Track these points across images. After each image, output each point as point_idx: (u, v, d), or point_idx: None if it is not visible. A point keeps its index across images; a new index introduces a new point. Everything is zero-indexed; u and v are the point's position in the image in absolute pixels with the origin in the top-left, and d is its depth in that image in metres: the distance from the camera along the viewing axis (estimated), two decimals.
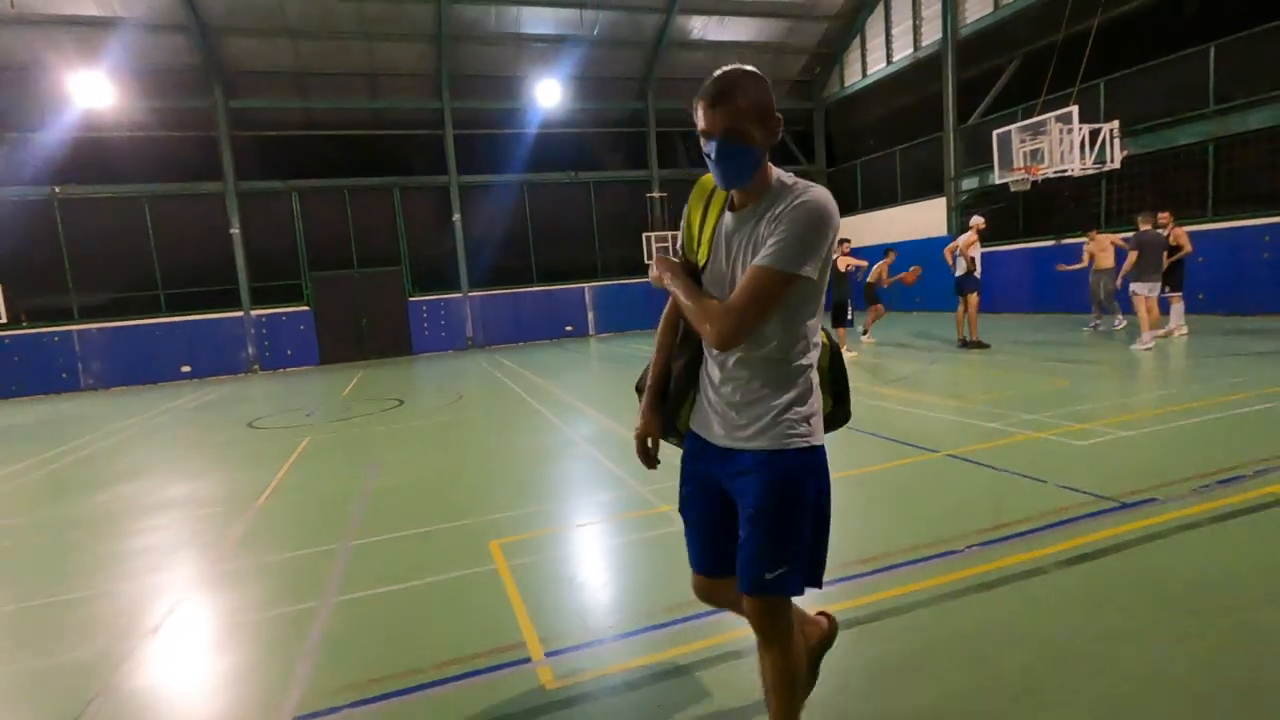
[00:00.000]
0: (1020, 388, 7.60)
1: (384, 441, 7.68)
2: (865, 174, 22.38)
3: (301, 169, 19.12)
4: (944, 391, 7.90)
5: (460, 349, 20.32)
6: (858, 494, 4.55)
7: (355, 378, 15.07)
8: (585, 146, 21.82)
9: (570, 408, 8.81)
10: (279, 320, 18.78)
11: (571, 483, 5.43)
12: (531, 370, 13.50)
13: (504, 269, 20.92)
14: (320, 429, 8.83)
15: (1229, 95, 12.30)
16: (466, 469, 6.18)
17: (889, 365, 10.28)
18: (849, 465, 5.18)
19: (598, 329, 21.76)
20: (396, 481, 5.88)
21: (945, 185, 18.71)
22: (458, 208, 20.17)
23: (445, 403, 10.17)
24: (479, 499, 5.15)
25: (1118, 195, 14.62)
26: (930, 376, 9.10)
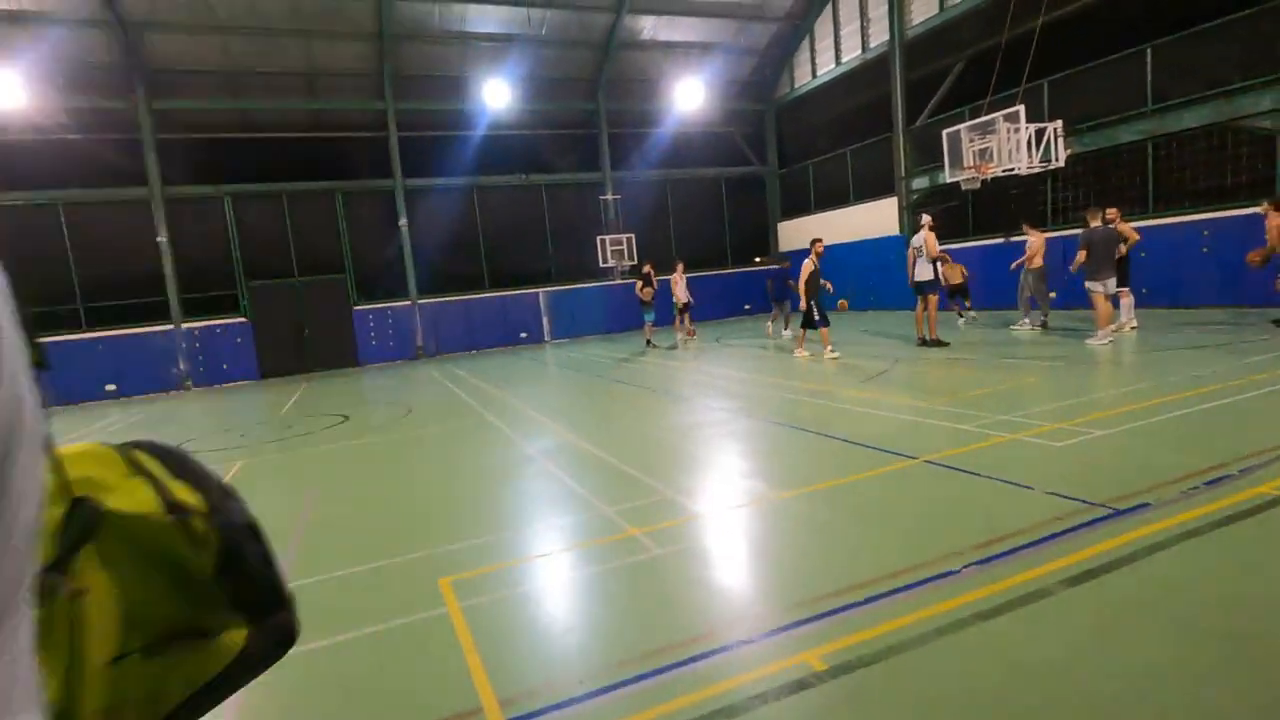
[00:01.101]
0: (987, 386, 7.50)
1: (325, 464, 7.17)
2: (817, 175, 22.48)
3: (235, 173, 18.13)
4: (911, 392, 7.75)
5: (410, 359, 19.59)
6: (836, 509, 4.26)
7: (297, 392, 14.28)
8: (536, 148, 21.35)
9: (527, 420, 8.40)
10: (213, 333, 17.74)
11: (530, 505, 5.02)
12: (485, 379, 13.01)
13: (454, 275, 20.29)
14: (255, 451, 8.22)
15: (1166, 94, 12.63)
16: (414, 493, 5.71)
17: (850, 365, 10.14)
18: (822, 476, 4.90)
19: (554, 334, 21.29)
20: (336, 510, 5.38)
21: (896, 185, 18.87)
22: (404, 212, 19.46)
23: (393, 418, 9.63)
24: (428, 528, 4.70)
25: (1063, 193, 14.91)
26: (895, 377, 8.97)
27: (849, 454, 5.42)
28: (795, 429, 6.43)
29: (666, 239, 22.97)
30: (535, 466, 6.04)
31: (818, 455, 5.55)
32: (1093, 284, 9.68)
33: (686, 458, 5.95)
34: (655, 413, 8.19)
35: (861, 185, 20.51)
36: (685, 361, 12.79)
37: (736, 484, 5.01)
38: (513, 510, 4.94)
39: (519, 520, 4.68)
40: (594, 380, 11.73)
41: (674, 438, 6.64)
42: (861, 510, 4.19)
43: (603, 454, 6.15)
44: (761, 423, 6.88)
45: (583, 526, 4.39)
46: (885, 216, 19.38)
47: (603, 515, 4.52)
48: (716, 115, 22.96)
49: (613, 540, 4.07)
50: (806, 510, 4.28)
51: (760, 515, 4.29)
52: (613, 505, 4.67)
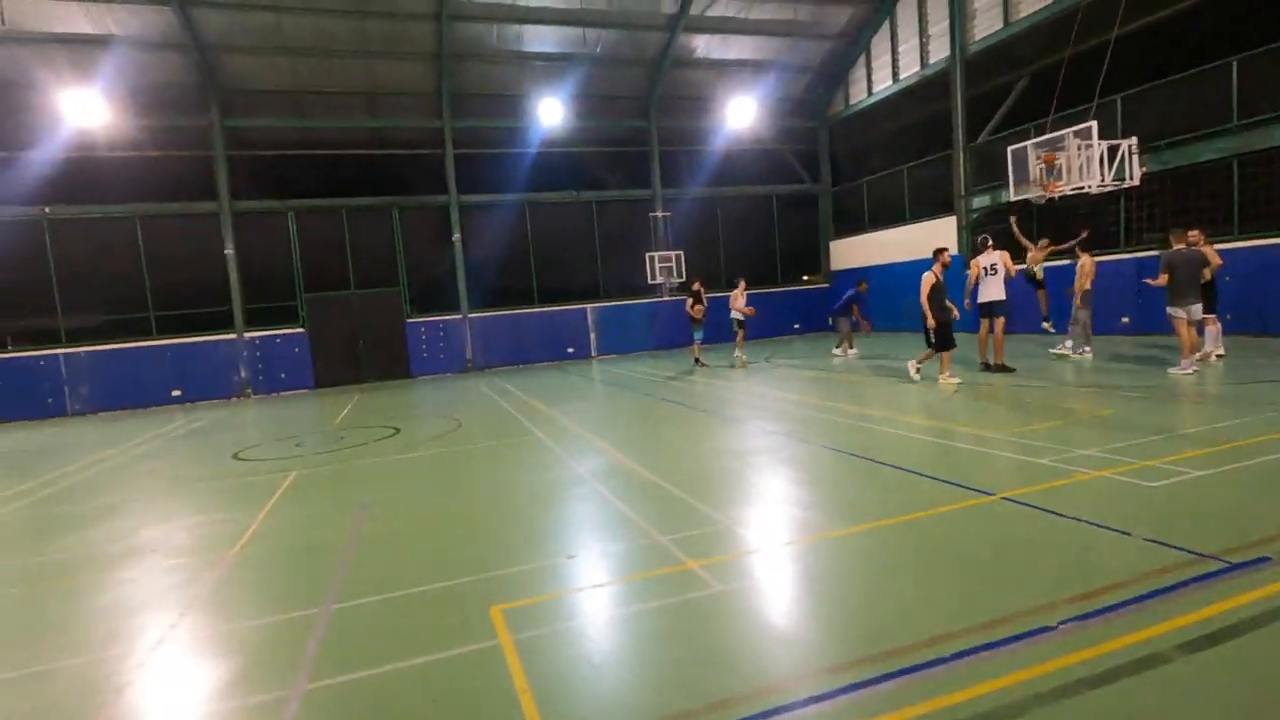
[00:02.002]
0: (1062, 417, 7.06)
1: (376, 476, 7.17)
2: (872, 193, 22.01)
3: (298, 188, 18.73)
4: (980, 421, 7.36)
5: (460, 371, 19.81)
6: (908, 549, 3.97)
7: (350, 403, 14.53)
8: (587, 165, 21.48)
9: (575, 438, 8.31)
10: (273, 342, 18.27)
11: (582, 530, 4.87)
12: (533, 395, 13.01)
13: (504, 290, 20.48)
14: (309, 461, 8.31)
15: (1254, 110, 11.90)
16: (465, 511, 5.63)
17: (911, 391, 9.75)
18: (889, 510, 4.62)
19: (600, 350, 21.26)
20: (387, 527, 5.33)
21: (955, 203, 18.31)
22: (457, 227, 19.77)
23: (443, 431, 9.66)
24: (478, 549, 4.59)
25: (1136, 213, 14.20)
26: (961, 404, 8.56)
27: (916, 487, 5.11)
28: (856, 457, 6.14)
29: (715, 256, 22.79)
30: (586, 488, 5.90)
31: (882, 486, 5.26)
32: (1174, 310, 9.11)
33: (742, 484, 5.73)
34: (706, 434, 7.99)
35: (918, 203, 19.98)
36: (735, 382, 12.54)
37: (796, 515, 4.77)
38: (565, 534, 4.80)
39: (571, 545, 4.53)
40: (642, 399, 11.59)
41: (727, 462, 6.43)
42: (936, 551, 3.90)
43: (655, 477, 5.97)
44: (819, 449, 6.61)
45: (637, 556, 4.21)
46: (943, 235, 18.79)
47: (657, 544, 4.34)
48: (768, 132, 22.76)
49: (669, 572, 3.88)
50: (874, 548, 4.01)
51: (824, 552, 4.05)
52: (668, 534, 4.49)
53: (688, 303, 15.28)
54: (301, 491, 6.75)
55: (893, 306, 20.82)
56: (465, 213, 20.00)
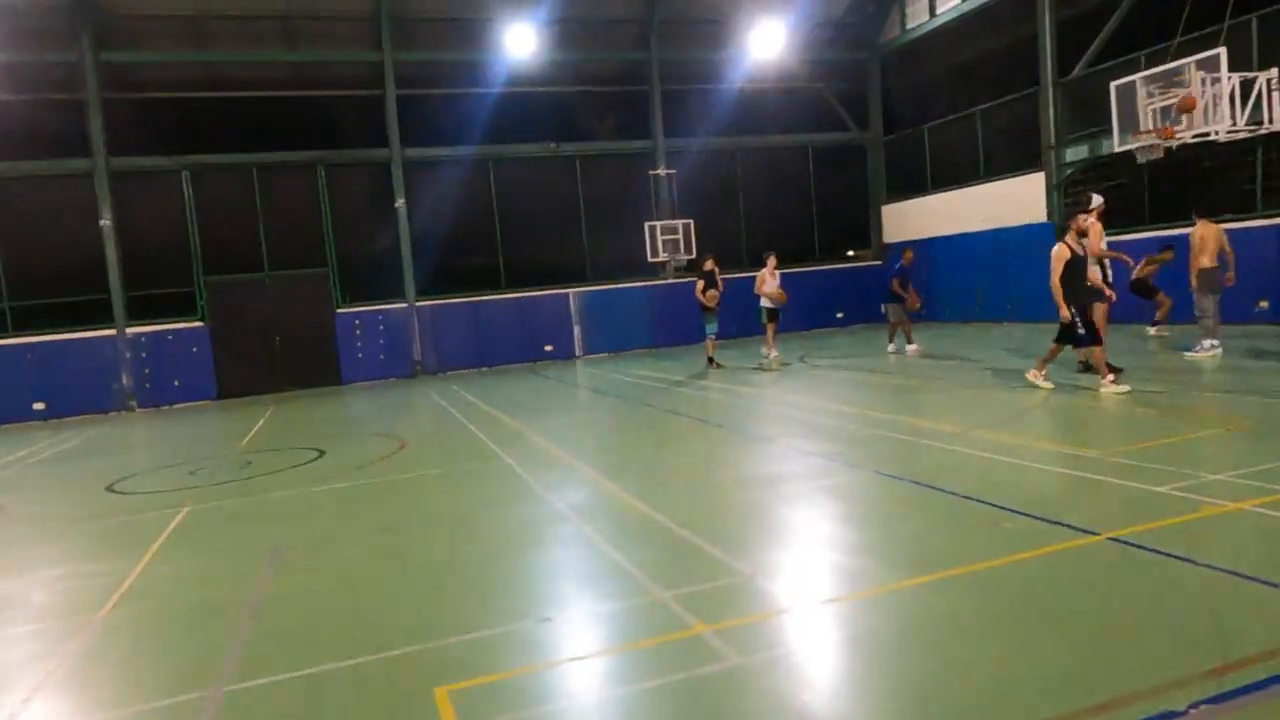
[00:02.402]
0: (1182, 432, 7.00)
1: (292, 514, 7.13)
2: (935, 144, 21.99)
3: (195, 141, 18.67)
4: (1075, 437, 7.28)
5: (405, 376, 19.75)
6: (985, 607, 3.89)
7: (262, 417, 14.49)
8: (569, 110, 21.45)
9: (553, 462, 8.26)
10: (163, 341, 18.22)
11: (560, 584, 4.82)
12: (500, 405, 12.96)
13: (463, 271, 20.42)
14: (205, 494, 8.28)
15: None
16: (405, 559, 5.56)
17: (984, 395, 9.66)
18: (960, 556, 4.54)
19: (586, 348, 21.22)
20: (303, 580, 5.27)
21: (1043, 155, 18.26)
22: (402, 190, 19.71)
23: (382, 454, 9.61)
24: (422, 610, 4.52)
25: (1278, 167, 14.13)
26: (1049, 414, 8.48)
27: (998, 524, 5.03)
28: (915, 484, 6.06)
29: (734, 226, 22.74)
30: (566, 528, 5.84)
31: (950, 524, 5.18)
32: None
33: (769, 522, 5.65)
34: (724, 457, 7.92)
35: (996, 157, 19.95)
36: (762, 388, 12.47)
37: (840, 563, 4.69)
38: (537, 590, 4.74)
39: (546, 604, 4.45)
40: (641, 410, 11.53)
41: (750, 493, 6.37)
42: (1025, 609, 3.81)
43: (655, 514, 5.90)
44: (869, 474, 6.53)
45: (631, 617, 4.13)
46: (1028, 197, 18.75)
47: (657, 601, 4.26)
48: (802, 67, 22.70)
49: (672, 640, 3.80)
50: (944, 606, 3.92)
51: (877, 612, 3.96)
52: (671, 587, 4.41)
53: (698, 286, 15.20)
54: (194, 534, 6.69)
55: (964, 291, 20.78)
56: (412, 171, 19.92)
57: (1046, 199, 18.30)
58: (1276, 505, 4.83)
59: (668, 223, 20.61)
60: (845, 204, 23.95)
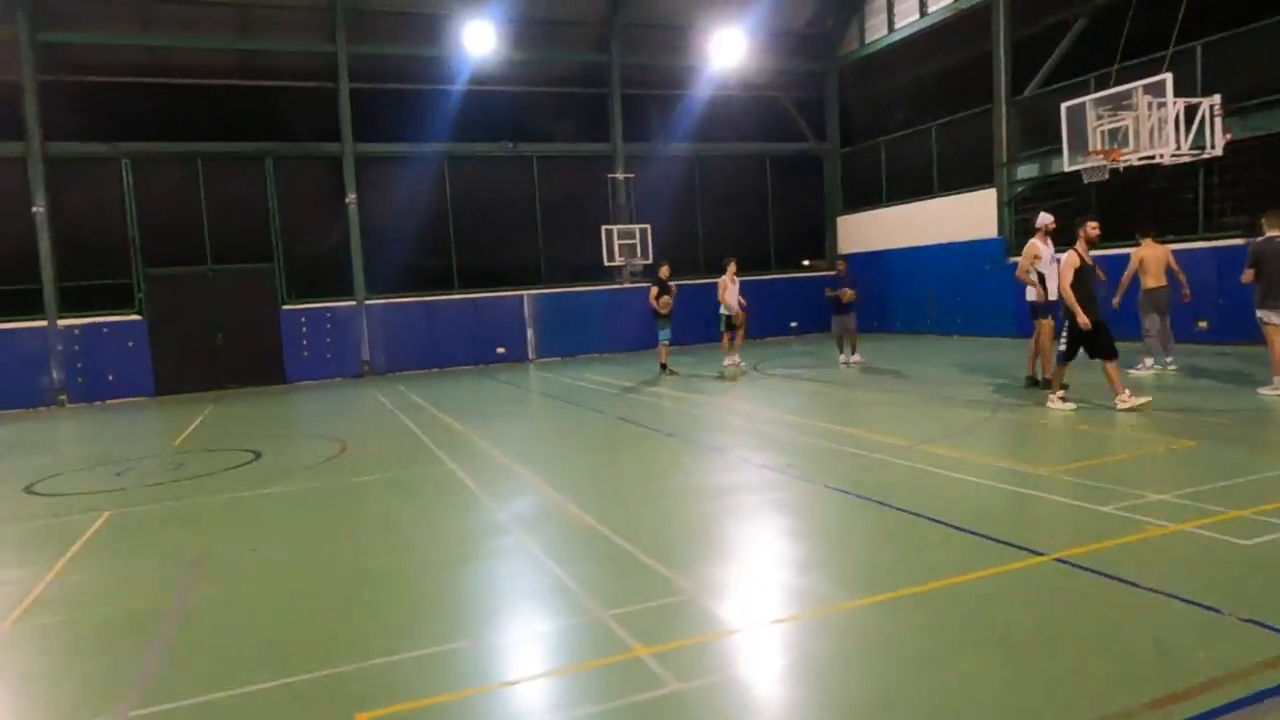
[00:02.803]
0: (1128, 449, 7.08)
1: (222, 520, 6.87)
2: (891, 157, 22.22)
3: (137, 128, 18.05)
4: (1023, 453, 7.31)
5: (353, 376, 19.34)
6: (935, 630, 3.81)
7: (200, 416, 14.05)
8: (528, 110, 21.26)
9: (499, 470, 8.10)
10: (98, 334, 17.57)
11: (496, 601, 4.64)
12: (448, 409, 12.73)
13: (415, 270, 20.09)
14: (131, 496, 7.94)
15: None
16: (336, 570, 5.34)
17: (934, 409, 9.71)
18: (910, 575, 4.47)
19: (540, 351, 21.02)
20: (226, 591, 5.02)
21: (995, 172, 18.55)
22: (353, 186, 19.32)
23: (321, 457, 9.36)
24: (350, 628, 4.31)
25: (1218, 190, 14.51)
26: (997, 430, 8.54)
27: (945, 542, 4.99)
28: (866, 500, 6.01)
29: (692, 232, 22.72)
30: (507, 540, 5.68)
31: (901, 542, 5.13)
32: (1266, 313, 9.24)
33: (718, 537, 5.55)
34: (674, 468, 7.83)
35: (949, 172, 20.23)
36: (714, 396, 12.41)
37: (790, 582, 4.59)
38: (472, 607, 4.56)
39: (479, 623, 4.27)
40: (592, 417, 11.40)
41: (699, 505, 6.27)
42: (974, 633, 3.74)
43: (601, 526, 5.76)
44: (821, 489, 6.47)
45: (569, 639, 3.98)
46: (980, 213, 19.03)
47: (598, 621, 4.11)
48: (762, 76, 22.80)
49: (610, 663, 3.65)
50: (892, 629, 3.84)
51: (827, 633, 3.87)
52: (612, 606, 4.27)
53: (652, 293, 15.12)
54: (114, 539, 6.40)
55: (916, 304, 21.02)
56: (364, 167, 19.56)
57: (998, 215, 18.59)
58: (1217, 527, 4.86)
59: (625, 227, 20.50)
60: (802, 214, 24.08)
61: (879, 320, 22.22)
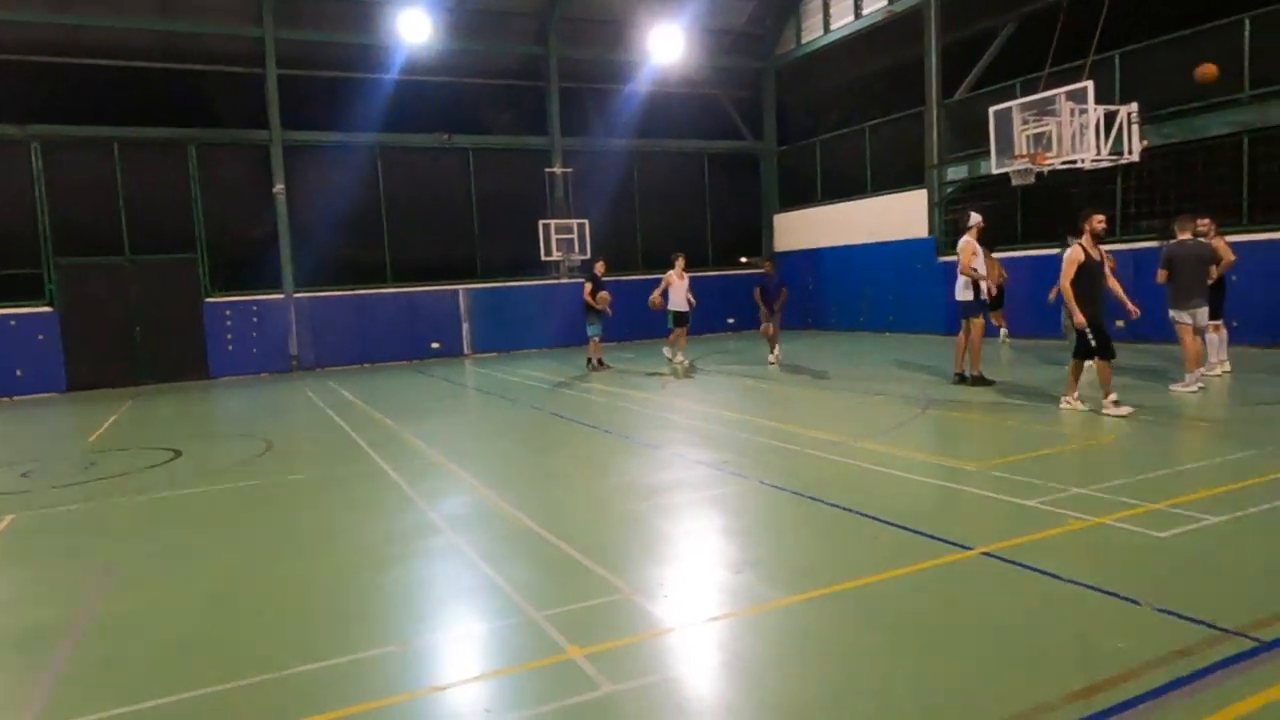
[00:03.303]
0: (1051, 445, 7.28)
1: (136, 523, 6.56)
2: (826, 156, 22.55)
3: (49, 110, 17.29)
4: (951, 449, 7.47)
5: (280, 371, 18.81)
6: (867, 625, 3.85)
7: (116, 413, 13.46)
8: (464, 102, 20.95)
9: (431, 468, 7.95)
10: (5, 326, 16.80)
11: (427, 603, 4.54)
12: (379, 406, 12.46)
13: (346, 263, 19.67)
14: (38, 498, 7.55)
15: (1269, 78, 12.86)
16: (258, 575, 5.15)
17: (865, 405, 9.87)
18: (843, 571, 4.52)
19: (476, 346, 20.77)
20: (140, 599, 4.78)
21: (927, 174, 18.97)
22: (281, 175, 18.80)
23: (245, 456, 9.03)
24: (271, 635, 4.15)
25: (1135, 195, 15.09)
26: (928, 426, 8.72)
27: (876, 537, 5.07)
28: (800, 496, 6.05)
29: (630, 228, 22.71)
30: (437, 540, 5.55)
31: (834, 537, 5.19)
32: (1178, 313, 9.64)
33: (652, 535, 5.53)
34: (609, 465, 7.80)
35: (883, 172, 20.61)
36: (651, 393, 12.40)
37: (724, 579, 4.58)
38: (402, 610, 4.43)
39: (408, 626, 4.16)
40: (528, 413, 11.28)
41: (634, 503, 6.24)
42: (904, 628, 3.79)
43: (534, 525, 5.68)
44: (755, 485, 6.49)
45: (501, 641, 3.90)
46: (911, 213, 19.45)
47: (530, 622, 4.03)
48: (700, 73, 22.90)
49: (542, 665, 3.58)
50: (825, 625, 3.87)
51: (760, 631, 3.87)
52: (545, 607, 4.20)
53: (586, 289, 15.07)
54: (17, 546, 6.08)
55: (849, 302, 21.37)
56: (293, 156, 19.03)
57: (928, 215, 19.03)
58: (1134, 520, 5.02)
59: (562, 221, 20.37)
60: (739, 211, 24.28)
61: (814, 317, 22.57)
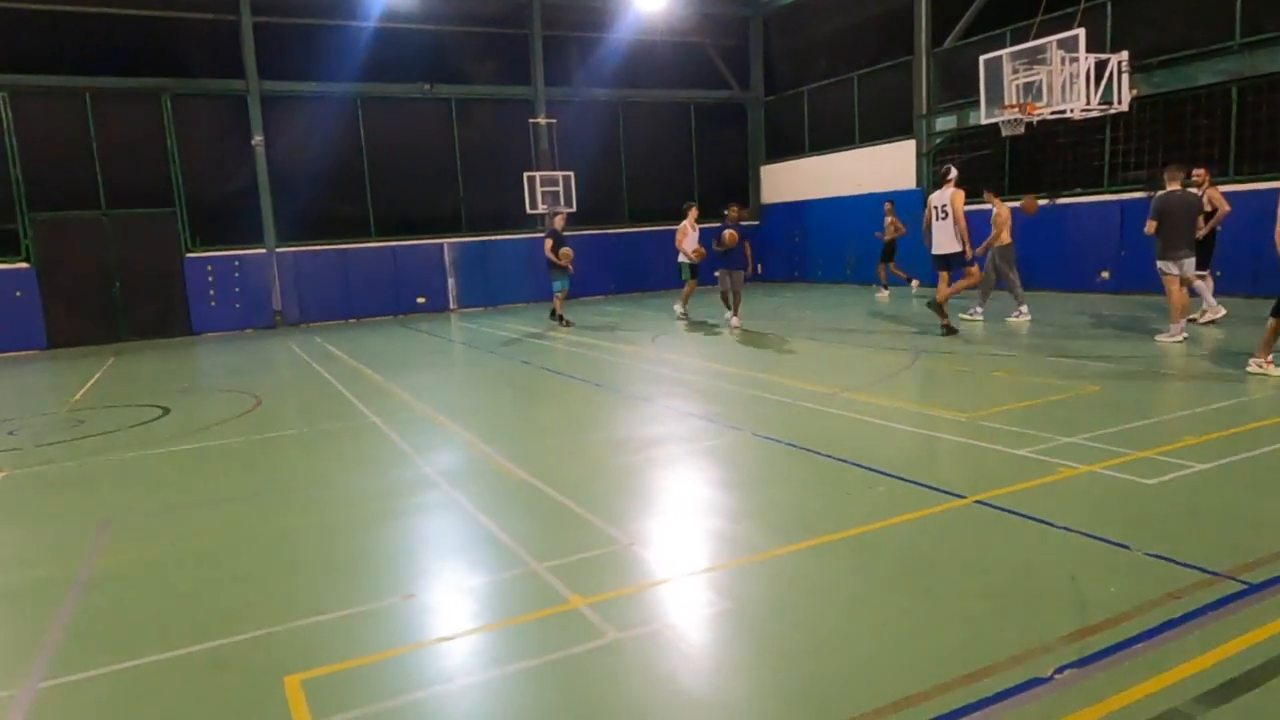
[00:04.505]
0: (1040, 395, 7.35)
1: (128, 481, 6.52)
2: (814, 106, 22.31)
3: (19, 59, 16.76)
4: (942, 399, 7.54)
5: (264, 327, 18.65)
6: (864, 573, 3.91)
7: (99, 370, 13.32)
8: (445, 50, 20.50)
9: (423, 422, 7.93)
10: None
11: (427, 556, 4.57)
12: (366, 361, 12.39)
13: (328, 217, 19.39)
14: (26, 457, 7.48)
15: (1260, 26, 12.77)
16: (256, 531, 5.15)
17: (857, 358, 9.92)
18: (839, 521, 4.57)
19: (462, 301, 20.65)
20: (139, 555, 4.78)
21: (915, 124, 18.82)
22: (260, 127, 18.41)
23: (234, 412, 8.97)
24: (271, 590, 4.17)
25: (1123, 145, 15.06)
26: (918, 377, 8.79)
27: (870, 487, 5.12)
28: (794, 448, 6.10)
29: (616, 179, 22.47)
30: (434, 494, 5.56)
31: (829, 488, 5.23)
32: (1165, 264, 9.68)
33: (648, 487, 5.57)
34: (602, 418, 7.83)
35: (870, 123, 20.44)
36: (641, 346, 12.40)
37: (721, 530, 4.63)
38: (401, 563, 4.46)
39: (410, 579, 4.19)
40: (517, 367, 11.27)
41: (629, 456, 6.27)
42: (899, 575, 3.85)
43: (531, 478, 5.70)
44: (749, 437, 6.54)
45: (504, 592, 3.93)
46: (899, 164, 19.35)
47: (532, 574, 4.07)
48: (686, 21, 22.44)
49: (547, 615, 3.62)
50: (823, 574, 3.93)
51: (759, 579, 3.92)
52: (546, 558, 4.23)
53: (547, 245, 15.07)
54: (11, 504, 6.06)
55: (836, 255, 21.32)
56: (271, 106, 18.62)
57: (916, 166, 18.93)
58: (1122, 468, 5.11)
59: (548, 174, 20.13)
60: (726, 163, 24.04)
61: (800, 270, 22.56)
